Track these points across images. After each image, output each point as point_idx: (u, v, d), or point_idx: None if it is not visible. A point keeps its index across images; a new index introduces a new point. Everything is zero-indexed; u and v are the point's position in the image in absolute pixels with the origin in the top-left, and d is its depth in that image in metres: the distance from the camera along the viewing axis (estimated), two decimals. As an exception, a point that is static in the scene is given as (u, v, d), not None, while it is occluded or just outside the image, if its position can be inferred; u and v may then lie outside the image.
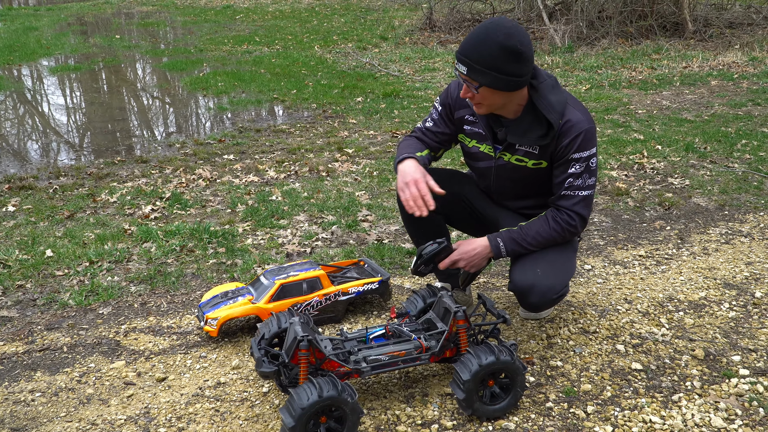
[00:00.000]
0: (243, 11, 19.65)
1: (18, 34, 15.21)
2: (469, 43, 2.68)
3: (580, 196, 2.86)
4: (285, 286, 3.26)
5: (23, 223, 4.75)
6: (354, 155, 6.31)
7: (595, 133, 2.83)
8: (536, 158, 2.89)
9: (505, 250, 2.92)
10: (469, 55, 2.67)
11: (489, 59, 2.63)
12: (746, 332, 3.25)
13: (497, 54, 2.63)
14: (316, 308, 3.30)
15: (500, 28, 2.64)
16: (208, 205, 5.07)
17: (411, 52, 12.20)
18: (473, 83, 2.71)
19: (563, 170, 2.85)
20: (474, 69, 2.66)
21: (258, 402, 2.77)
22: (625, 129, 6.99)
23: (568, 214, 2.88)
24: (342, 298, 3.35)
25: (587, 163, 2.82)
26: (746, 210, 4.82)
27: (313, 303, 3.29)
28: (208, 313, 3.20)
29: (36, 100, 9.56)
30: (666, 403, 2.73)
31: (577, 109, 2.82)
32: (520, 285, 2.90)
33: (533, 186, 3.02)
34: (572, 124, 2.78)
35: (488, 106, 2.80)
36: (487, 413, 2.60)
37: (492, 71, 2.65)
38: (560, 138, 2.80)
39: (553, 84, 2.84)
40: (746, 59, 10.39)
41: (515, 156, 2.93)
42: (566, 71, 10.25)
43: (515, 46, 2.62)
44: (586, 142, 2.80)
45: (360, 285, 3.39)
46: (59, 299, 3.69)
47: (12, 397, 2.85)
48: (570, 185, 2.86)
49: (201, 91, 9.48)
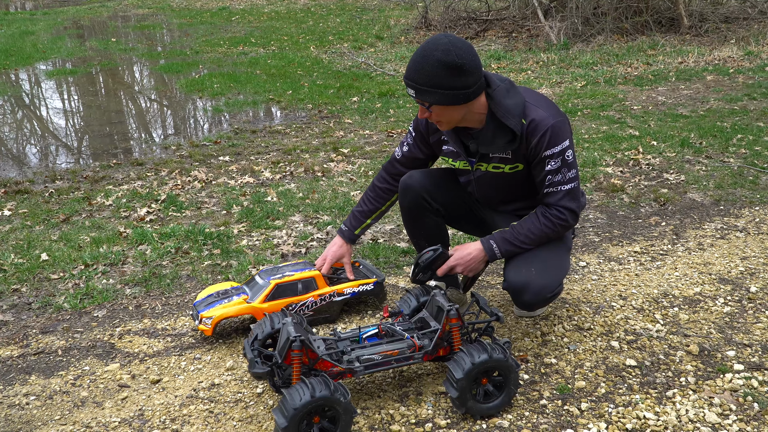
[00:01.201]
0: (238, 13, 19.65)
1: (14, 38, 15.20)
2: (412, 67, 2.71)
3: (563, 191, 2.87)
4: (280, 286, 3.25)
5: (19, 227, 4.75)
6: (349, 155, 6.31)
7: (564, 125, 2.82)
8: (511, 162, 2.91)
9: (499, 251, 2.93)
10: (413, 78, 2.70)
11: (431, 78, 2.66)
12: (741, 327, 3.25)
13: (438, 71, 2.65)
14: (311, 309, 3.29)
15: (437, 46, 2.66)
16: (203, 207, 5.07)
17: (406, 52, 12.20)
18: (424, 103, 2.75)
19: (540, 169, 2.86)
20: (420, 90, 2.70)
21: (252, 403, 2.77)
22: (620, 125, 6.99)
23: (557, 209, 2.88)
24: (337, 299, 3.34)
25: (562, 158, 2.82)
26: (742, 205, 4.82)
27: (308, 303, 3.28)
28: (202, 312, 3.18)
29: (33, 104, 9.56)
30: (660, 399, 2.73)
31: (539, 107, 2.81)
32: (514, 284, 2.90)
33: (516, 190, 3.04)
34: (536, 123, 2.78)
35: (447, 122, 2.83)
36: (481, 411, 2.60)
37: (437, 89, 2.67)
38: (529, 139, 2.80)
39: (508, 88, 2.83)
40: (742, 54, 10.39)
41: (491, 164, 2.95)
42: (562, 68, 10.25)
43: (453, 60, 2.63)
44: (555, 137, 2.79)
45: (355, 286, 3.38)
46: (54, 303, 3.69)
47: (6, 401, 2.85)
48: (551, 182, 2.86)
49: (197, 93, 9.48)
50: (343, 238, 3.35)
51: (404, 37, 13.81)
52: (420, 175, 3.14)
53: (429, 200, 3.13)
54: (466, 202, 3.23)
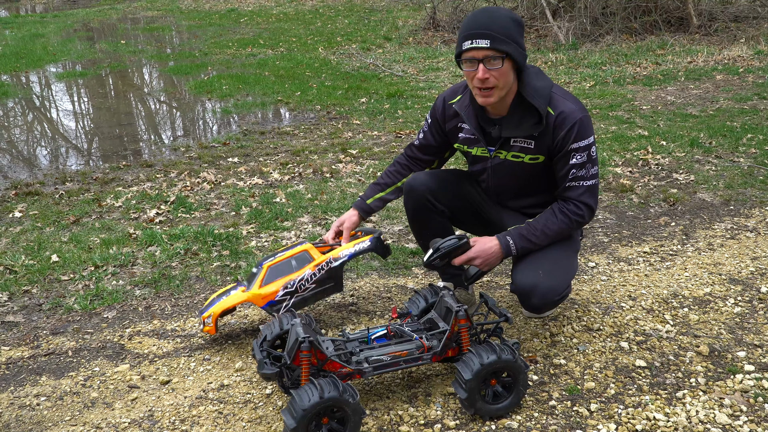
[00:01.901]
0: (247, 14, 19.69)
1: (25, 41, 15.28)
2: (482, 19, 2.68)
3: (585, 186, 2.87)
4: (273, 268, 3.17)
5: (29, 228, 4.78)
6: (358, 156, 6.32)
7: (590, 121, 2.84)
8: (533, 153, 2.89)
9: (515, 247, 2.91)
10: (489, 27, 2.65)
11: (507, 29, 2.66)
12: (751, 328, 3.23)
13: (511, 25, 2.68)
14: (312, 281, 3.17)
15: (498, 7, 2.74)
16: (212, 208, 5.08)
17: (415, 52, 12.20)
18: (499, 54, 2.67)
19: (565, 162, 2.85)
20: (498, 39, 2.65)
21: (261, 404, 2.78)
22: (629, 125, 6.97)
23: (575, 204, 2.88)
24: (335, 264, 3.20)
25: (588, 152, 2.83)
26: (752, 205, 4.80)
27: (306, 277, 3.16)
28: (203, 313, 3.18)
29: (43, 107, 9.61)
30: (670, 399, 2.72)
31: (567, 99, 2.83)
32: (522, 287, 2.89)
33: (532, 182, 3.02)
34: (566, 115, 2.78)
35: (501, 88, 2.77)
36: (490, 412, 2.59)
37: (512, 41, 2.68)
38: (556, 130, 2.80)
39: (537, 72, 2.87)
40: (752, 53, 10.34)
41: (511, 152, 2.93)
42: (570, 68, 10.22)
43: (519, 18, 2.69)
44: (583, 131, 2.80)
45: (350, 246, 3.25)
46: (64, 304, 3.71)
47: (17, 402, 2.86)
48: (574, 176, 2.85)
49: (206, 95, 9.51)
50: (355, 207, 3.30)
51: (412, 38, 13.81)
52: (424, 177, 3.14)
53: (433, 201, 3.12)
54: (471, 203, 3.22)
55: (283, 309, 3.10)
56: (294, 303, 3.15)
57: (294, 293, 3.13)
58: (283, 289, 3.10)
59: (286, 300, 3.13)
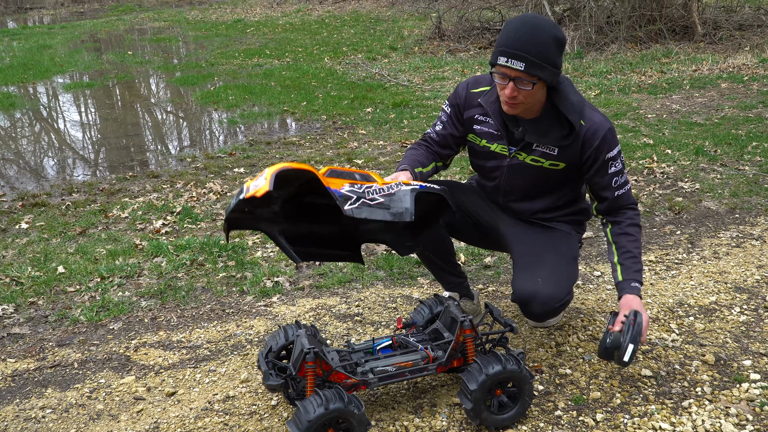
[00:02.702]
0: (253, 25, 19.77)
1: (32, 52, 15.37)
2: (523, 37, 2.58)
3: (629, 191, 2.93)
4: (334, 170, 2.55)
5: (36, 240, 4.80)
6: (363, 166, 6.33)
7: (615, 132, 2.87)
8: (554, 159, 2.88)
9: (638, 284, 2.83)
10: (525, 50, 2.57)
11: (545, 52, 2.59)
12: (757, 336, 3.22)
13: (552, 46, 2.61)
14: (379, 193, 2.53)
15: (547, 21, 2.64)
16: (218, 219, 5.10)
17: (420, 62, 12.22)
18: (531, 79, 2.63)
19: (604, 172, 2.86)
20: (534, 64, 2.59)
21: (267, 415, 2.78)
22: (634, 134, 6.96)
23: (630, 208, 2.93)
24: (404, 188, 2.58)
25: (620, 159, 2.87)
26: (757, 213, 4.79)
27: (374, 188, 2.54)
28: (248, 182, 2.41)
29: (50, 117, 9.66)
30: (676, 409, 2.72)
31: (595, 111, 2.85)
32: (521, 295, 2.88)
33: (544, 186, 3.00)
34: (597, 127, 2.79)
35: (529, 104, 2.76)
36: (496, 423, 2.59)
37: (549, 65, 2.62)
38: (587, 142, 2.80)
39: (571, 85, 2.85)
40: (756, 61, 10.32)
41: (531, 156, 2.91)
42: (576, 77, 10.23)
43: (564, 37, 2.64)
44: (612, 140, 2.83)
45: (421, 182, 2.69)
46: (70, 315, 3.72)
47: (23, 414, 2.87)
48: (618, 184, 2.88)
49: (212, 105, 9.54)
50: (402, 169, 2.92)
51: (418, 47, 13.84)
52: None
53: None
54: (469, 214, 3.19)
55: (349, 205, 2.46)
56: (361, 206, 2.48)
57: (361, 196, 2.50)
58: (349, 186, 2.50)
59: (353, 198, 2.47)
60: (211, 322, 3.61)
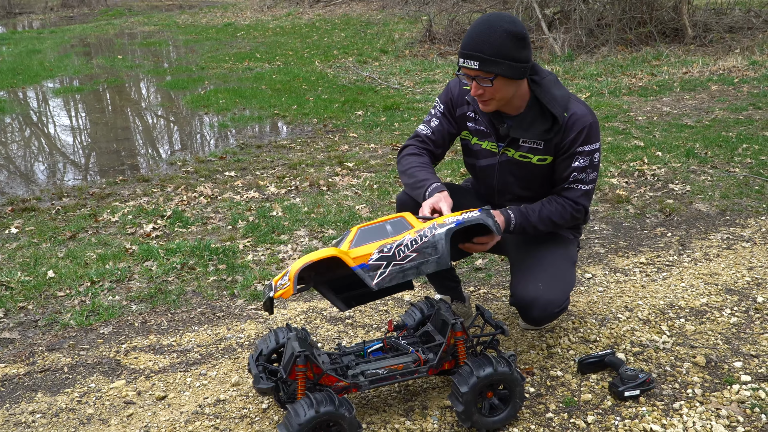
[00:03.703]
0: (244, 28, 19.75)
1: (22, 57, 15.31)
2: (475, 38, 2.65)
3: (583, 190, 2.89)
4: (363, 230, 2.59)
5: (26, 244, 4.77)
6: (354, 169, 6.33)
7: (598, 128, 2.86)
8: (541, 153, 2.89)
9: (514, 220, 2.85)
10: (478, 48, 2.64)
11: (500, 48, 2.63)
12: (748, 338, 3.23)
13: (507, 42, 2.63)
14: (412, 248, 2.52)
15: (503, 17, 2.67)
16: (209, 223, 5.08)
17: (411, 65, 12.24)
18: (487, 76, 2.68)
19: (567, 164, 2.86)
20: (487, 61, 2.64)
21: (257, 419, 2.77)
22: (625, 136, 6.98)
23: (573, 201, 2.90)
24: (440, 231, 2.55)
25: (591, 158, 2.84)
26: (747, 215, 4.81)
27: (406, 242, 2.52)
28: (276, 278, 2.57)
29: (40, 122, 9.62)
30: (667, 411, 2.72)
31: (580, 103, 2.85)
32: (522, 300, 2.87)
33: (536, 183, 3.00)
34: (577, 118, 2.79)
35: (499, 99, 2.78)
36: (487, 425, 2.59)
37: (505, 60, 2.65)
38: (566, 132, 2.81)
39: (555, 80, 2.87)
40: (746, 63, 10.38)
41: (519, 152, 2.92)
42: (566, 80, 10.25)
43: (521, 31, 2.66)
44: (591, 136, 2.82)
45: (458, 215, 2.63)
46: (60, 320, 3.70)
47: (13, 419, 2.85)
48: (575, 179, 2.87)
49: (203, 109, 9.52)
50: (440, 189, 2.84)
51: (409, 50, 13.86)
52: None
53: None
54: None
55: (378, 277, 2.50)
56: (392, 272, 2.51)
57: (391, 260, 2.51)
58: (378, 252, 2.50)
59: (382, 266, 2.50)
60: (201, 325, 3.60)
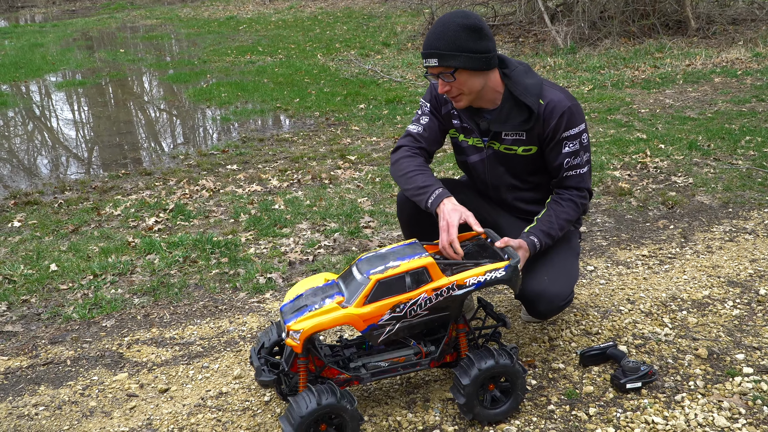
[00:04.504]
0: (246, 22, 19.73)
1: (24, 50, 15.32)
2: (432, 36, 2.72)
3: (581, 174, 2.90)
4: (383, 283, 2.47)
5: (28, 238, 4.78)
6: (356, 162, 6.32)
7: (579, 109, 2.85)
8: (525, 144, 2.89)
9: (540, 245, 2.84)
10: (435, 46, 2.70)
11: (455, 42, 2.68)
12: (750, 330, 3.23)
13: (461, 35, 2.68)
14: (425, 307, 2.52)
15: (455, 14, 2.72)
16: (211, 216, 5.08)
17: (413, 58, 12.21)
18: (447, 70, 2.72)
19: (557, 151, 2.86)
20: (444, 56, 2.69)
21: (260, 411, 2.78)
22: (628, 128, 6.97)
23: (577, 190, 2.91)
24: (458, 293, 2.53)
25: (579, 140, 2.84)
26: (750, 207, 4.80)
27: (420, 301, 2.50)
28: (289, 322, 2.51)
29: (43, 116, 9.62)
30: (669, 403, 2.72)
31: (555, 89, 2.85)
32: (529, 294, 2.86)
33: (527, 174, 3.00)
34: (554, 105, 2.79)
35: (468, 94, 2.80)
36: (489, 417, 2.59)
37: (462, 52, 2.69)
38: (546, 121, 2.81)
39: (526, 69, 2.88)
40: (750, 55, 10.34)
41: (503, 145, 2.93)
42: (569, 72, 10.23)
43: (474, 23, 2.69)
44: (573, 119, 2.81)
45: (481, 274, 2.55)
46: (63, 313, 3.71)
47: (16, 412, 2.86)
48: (570, 165, 2.87)
49: (205, 103, 9.52)
50: (446, 196, 2.80)
51: (411, 43, 13.83)
52: None
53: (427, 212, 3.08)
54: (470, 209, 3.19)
55: (384, 335, 2.53)
56: (399, 329, 2.54)
57: (401, 318, 2.51)
58: (390, 313, 2.48)
59: (390, 325, 2.51)
60: (203, 318, 3.61)
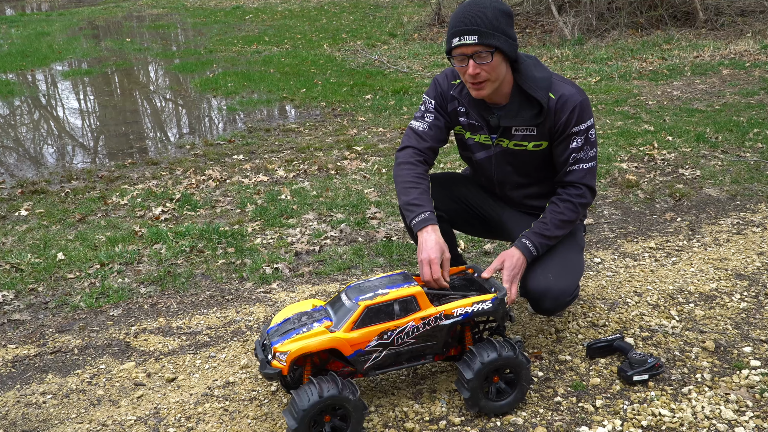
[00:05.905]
0: (252, 11, 19.69)
1: (30, 39, 15.32)
2: (469, 15, 2.64)
3: (585, 169, 2.87)
4: (371, 309, 2.51)
5: (35, 227, 4.79)
6: (363, 153, 6.32)
7: (589, 104, 2.84)
8: (536, 139, 2.88)
9: (534, 247, 2.85)
10: (475, 23, 2.62)
11: (495, 22, 2.63)
12: (758, 323, 3.22)
13: (500, 17, 2.65)
14: (412, 335, 2.56)
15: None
16: (217, 206, 5.09)
17: (420, 48, 12.18)
18: (487, 49, 2.64)
19: (565, 146, 2.85)
20: (486, 34, 2.62)
21: (266, 401, 2.79)
22: (635, 120, 6.94)
23: (575, 186, 2.88)
24: (444, 323, 2.58)
25: (586, 135, 2.83)
26: (758, 200, 4.78)
27: (407, 330, 2.54)
28: (276, 344, 2.51)
29: (49, 105, 9.63)
30: (676, 395, 2.72)
31: (566, 84, 2.83)
32: (534, 291, 2.86)
33: (535, 170, 2.99)
34: (567, 99, 2.78)
35: (494, 81, 2.73)
36: (495, 409, 2.59)
37: (502, 34, 2.65)
38: (557, 115, 2.79)
39: (535, 63, 2.85)
40: (758, 47, 10.29)
41: (513, 141, 2.91)
42: (576, 64, 10.19)
43: (508, 9, 2.68)
44: (582, 114, 2.80)
45: (468, 305, 2.60)
46: (70, 302, 3.72)
47: (24, 400, 2.87)
48: (575, 160, 2.86)
49: (211, 92, 9.52)
50: (432, 222, 2.79)
51: (417, 34, 13.79)
52: None
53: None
54: (470, 205, 3.19)
55: (371, 362, 2.55)
56: (386, 356, 2.56)
57: (388, 345, 2.54)
58: (377, 339, 2.51)
59: (377, 352, 2.54)
60: (210, 308, 3.61)
